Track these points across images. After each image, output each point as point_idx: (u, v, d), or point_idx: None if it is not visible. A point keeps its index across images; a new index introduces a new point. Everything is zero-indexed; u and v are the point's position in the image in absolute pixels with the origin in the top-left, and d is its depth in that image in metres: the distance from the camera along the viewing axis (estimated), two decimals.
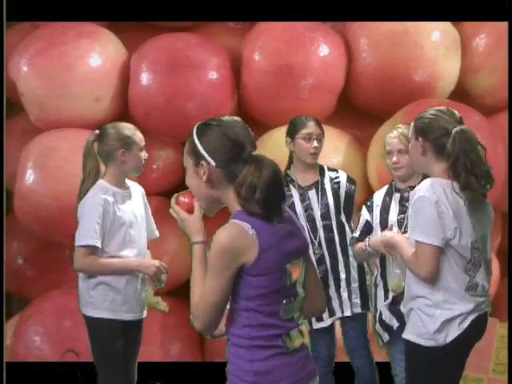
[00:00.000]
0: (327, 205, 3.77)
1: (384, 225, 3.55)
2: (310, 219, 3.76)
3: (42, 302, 4.62)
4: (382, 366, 3.87)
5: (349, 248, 3.77)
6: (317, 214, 3.77)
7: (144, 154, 3.59)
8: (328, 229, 3.77)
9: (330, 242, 3.76)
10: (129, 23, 4.99)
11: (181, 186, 5.10)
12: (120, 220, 3.49)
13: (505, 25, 4.34)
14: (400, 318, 3.40)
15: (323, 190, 3.79)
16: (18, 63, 4.61)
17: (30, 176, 4.41)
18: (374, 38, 4.64)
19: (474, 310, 2.89)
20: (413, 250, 2.90)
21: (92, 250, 3.44)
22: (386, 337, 3.58)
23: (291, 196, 3.78)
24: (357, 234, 3.66)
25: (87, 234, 3.43)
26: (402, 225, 3.50)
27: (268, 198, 2.19)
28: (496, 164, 4.11)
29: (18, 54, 4.63)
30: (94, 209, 3.44)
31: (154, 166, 4.80)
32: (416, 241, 2.85)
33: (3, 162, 4.12)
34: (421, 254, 2.83)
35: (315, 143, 3.77)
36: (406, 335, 2.95)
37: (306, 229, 3.72)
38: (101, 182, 3.52)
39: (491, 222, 3.01)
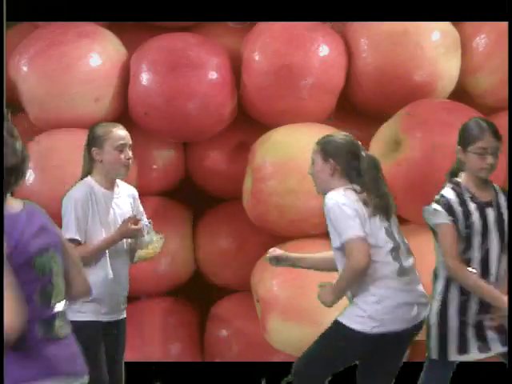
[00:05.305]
0: (503, 227, 3.31)
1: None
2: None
3: None
4: None
5: None
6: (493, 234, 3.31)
7: (126, 155, 3.51)
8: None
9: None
10: (129, 23, 4.98)
11: (181, 186, 5.13)
12: (101, 219, 3.48)
13: (505, 25, 4.33)
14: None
15: (499, 209, 3.33)
16: (18, 63, 4.61)
17: (29, 176, 4.41)
18: (374, 38, 4.63)
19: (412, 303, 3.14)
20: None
21: (73, 244, 3.36)
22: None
23: (469, 211, 3.27)
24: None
25: (66, 228, 3.41)
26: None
27: None
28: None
29: (18, 54, 4.63)
30: (73, 203, 3.43)
31: (154, 166, 4.79)
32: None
33: (3, 162, 4.10)
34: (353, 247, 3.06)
35: (490, 159, 3.25)
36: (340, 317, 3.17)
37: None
38: (87, 178, 3.51)
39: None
